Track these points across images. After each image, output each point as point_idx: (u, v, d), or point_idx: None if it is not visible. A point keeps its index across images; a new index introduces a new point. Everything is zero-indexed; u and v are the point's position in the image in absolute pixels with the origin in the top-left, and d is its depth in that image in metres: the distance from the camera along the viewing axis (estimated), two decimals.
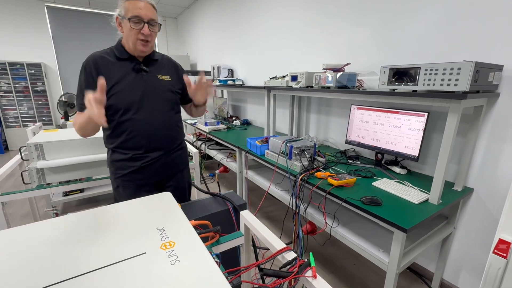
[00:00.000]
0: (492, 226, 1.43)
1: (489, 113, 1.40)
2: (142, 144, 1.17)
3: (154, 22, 1.10)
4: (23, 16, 4.82)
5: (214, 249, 0.82)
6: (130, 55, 1.14)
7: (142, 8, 1.05)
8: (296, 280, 0.58)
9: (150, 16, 1.07)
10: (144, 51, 1.13)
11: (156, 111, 1.18)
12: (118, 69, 1.12)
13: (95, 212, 0.75)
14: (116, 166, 1.21)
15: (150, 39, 1.11)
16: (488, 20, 1.35)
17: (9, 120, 4.88)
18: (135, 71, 1.14)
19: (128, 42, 1.11)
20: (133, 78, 1.14)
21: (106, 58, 1.12)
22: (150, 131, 1.17)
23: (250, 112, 3.72)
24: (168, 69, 1.26)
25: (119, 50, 1.14)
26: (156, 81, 1.19)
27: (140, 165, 1.19)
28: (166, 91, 1.22)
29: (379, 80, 1.46)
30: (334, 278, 1.77)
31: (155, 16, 1.10)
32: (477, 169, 1.47)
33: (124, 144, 1.17)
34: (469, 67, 1.09)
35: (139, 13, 1.04)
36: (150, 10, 1.07)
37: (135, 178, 1.21)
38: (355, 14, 2.03)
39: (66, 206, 2.74)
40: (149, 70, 1.17)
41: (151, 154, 1.20)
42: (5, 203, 1.52)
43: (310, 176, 1.57)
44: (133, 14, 1.04)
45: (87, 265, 0.54)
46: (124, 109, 1.12)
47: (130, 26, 1.05)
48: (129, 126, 1.14)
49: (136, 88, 1.14)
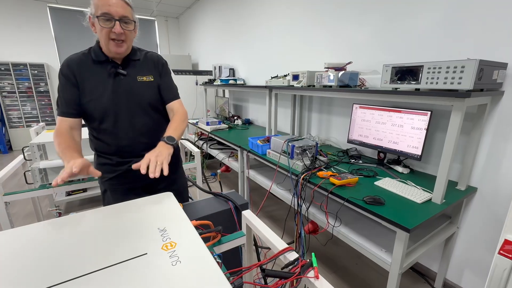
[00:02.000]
0: (496, 225, 1.42)
1: (493, 111, 1.38)
2: (126, 150, 1.12)
3: (128, 19, 1.00)
4: (25, 17, 4.85)
5: (216, 249, 0.82)
6: (107, 57, 1.06)
7: (111, 5, 0.95)
8: (298, 280, 0.58)
9: (121, 13, 0.97)
10: (119, 52, 1.04)
11: (138, 116, 1.12)
12: (94, 74, 1.06)
13: (97, 212, 0.75)
14: (102, 170, 1.12)
15: (125, 39, 1.02)
16: (492, 17, 1.33)
17: (12, 121, 4.92)
18: (112, 75, 1.06)
19: (102, 43, 1.03)
20: (110, 83, 1.06)
21: (83, 61, 1.06)
22: (133, 137, 1.12)
23: (252, 111, 3.72)
24: (150, 67, 1.16)
25: (95, 52, 1.06)
26: (135, 84, 1.11)
27: (126, 169, 1.14)
28: (148, 92, 1.13)
29: (382, 78, 1.45)
30: (336, 278, 1.77)
31: (129, 13, 1.00)
32: (481, 168, 1.45)
33: (106, 150, 1.13)
34: (473, 65, 1.08)
35: (109, 10, 0.95)
36: (121, 6, 0.97)
37: (122, 182, 1.17)
38: (357, 13, 2.02)
39: (69, 205, 2.76)
40: (128, 73, 1.09)
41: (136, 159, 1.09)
42: (8, 203, 1.53)
43: (312, 175, 1.56)
44: (102, 11, 0.95)
45: (88, 265, 0.54)
46: (101, 117, 1.07)
47: (100, 24, 0.97)
48: (110, 135, 1.09)
49: (114, 94, 1.06)
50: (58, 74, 1.07)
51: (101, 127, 1.09)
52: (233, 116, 3.75)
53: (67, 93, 1.04)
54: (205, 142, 3.17)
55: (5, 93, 4.76)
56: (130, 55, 1.11)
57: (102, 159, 1.16)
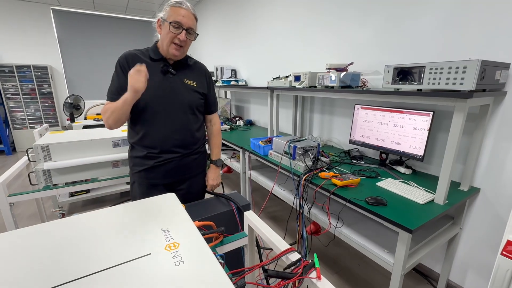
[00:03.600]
0: (499, 226, 1.41)
1: (496, 111, 1.37)
2: (157, 143, 1.21)
3: (192, 30, 1.16)
4: (29, 20, 4.90)
5: (218, 249, 0.82)
6: (162, 57, 1.19)
7: (184, 16, 1.11)
8: (300, 281, 0.58)
9: (190, 24, 1.13)
10: (176, 55, 1.18)
11: (176, 113, 1.22)
12: (147, 68, 1.15)
13: (100, 213, 0.76)
14: (133, 162, 1.26)
15: (184, 45, 1.17)
16: (494, 17, 1.33)
17: (16, 122, 4.96)
18: (162, 72, 1.19)
19: (163, 44, 1.16)
20: (159, 78, 1.18)
21: (139, 57, 1.18)
22: (166, 132, 1.21)
23: (254, 112, 3.72)
24: (196, 75, 1.30)
25: (153, 50, 1.20)
26: (180, 84, 1.23)
27: (153, 164, 1.23)
28: (189, 95, 1.25)
29: (383, 79, 1.45)
30: (339, 278, 1.76)
31: (195, 26, 1.17)
32: (484, 168, 1.45)
33: (141, 141, 1.22)
34: (475, 65, 1.08)
35: (181, 20, 1.11)
36: (191, 19, 1.14)
37: (147, 177, 1.25)
38: (359, 13, 2.02)
39: (72, 206, 2.77)
40: (177, 73, 1.21)
41: (164, 155, 1.23)
42: (13, 204, 1.54)
43: (314, 176, 1.56)
44: (174, 19, 1.10)
45: (92, 266, 0.54)
46: (144, 107, 1.16)
47: (169, 29, 1.11)
48: (147, 124, 1.19)
49: (160, 89, 1.18)
50: (115, 64, 1.17)
51: (140, 118, 1.19)
52: (235, 117, 3.76)
53: (120, 80, 1.14)
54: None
55: (9, 95, 4.80)
56: (182, 60, 1.25)
57: (135, 151, 1.25)
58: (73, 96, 3.31)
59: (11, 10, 4.75)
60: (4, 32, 4.76)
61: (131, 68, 1.12)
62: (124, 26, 5.81)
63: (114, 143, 1.89)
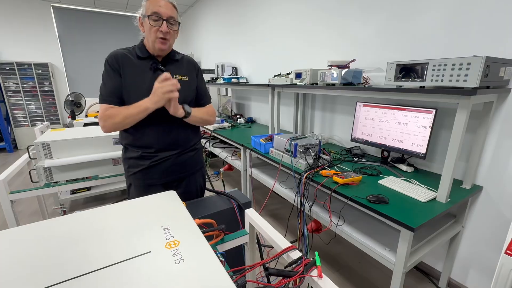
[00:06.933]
0: (502, 224, 1.40)
1: (500, 109, 1.36)
2: (152, 142, 1.19)
3: (173, 20, 1.12)
4: (29, 17, 4.89)
5: (219, 247, 0.82)
6: (150, 54, 1.17)
7: (161, 6, 1.08)
8: (301, 279, 0.57)
9: (169, 14, 1.10)
10: (163, 49, 1.15)
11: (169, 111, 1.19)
12: (136, 67, 1.15)
13: (101, 211, 0.76)
14: (128, 164, 1.24)
15: (169, 37, 1.13)
16: (499, 13, 1.31)
17: (17, 120, 4.97)
18: (152, 70, 1.16)
19: (148, 41, 1.14)
20: (149, 77, 1.15)
21: (127, 56, 1.15)
22: (160, 130, 1.18)
23: (254, 110, 3.71)
24: (186, 69, 1.27)
25: (140, 49, 1.17)
26: None
27: (149, 164, 1.20)
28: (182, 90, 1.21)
29: (386, 76, 1.44)
30: (340, 276, 1.76)
31: (175, 15, 1.13)
32: (487, 166, 1.43)
33: (134, 142, 1.19)
34: (479, 62, 1.06)
35: (158, 10, 1.07)
36: (169, 8, 1.10)
37: (144, 177, 1.22)
38: (361, 10, 2.00)
39: (73, 204, 2.78)
40: (167, 70, 1.17)
41: (160, 154, 1.20)
42: (14, 201, 1.55)
43: (315, 174, 1.56)
44: (152, 11, 1.07)
45: (93, 263, 0.54)
46: None
47: (150, 24, 1.08)
48: (141, 124, 1.15)
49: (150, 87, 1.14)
50: (104, 64, 1.14)
51: None
52: (236, 115, 3.75)
53: (113, 81, 1.12)
54: (208, 140, 3.17)
55: (10, 92, 4.81)
56: (170, 55, 1.22)
57: (128, 153, 1.23)
58: (74, 94, 3.30)
59: (11, 8, 4.73)
60: (5, 29, 4.75)
61: (120, 66, 1.11)
62: (124, 23, 5.79)
63: (115, 141, 1.89)
